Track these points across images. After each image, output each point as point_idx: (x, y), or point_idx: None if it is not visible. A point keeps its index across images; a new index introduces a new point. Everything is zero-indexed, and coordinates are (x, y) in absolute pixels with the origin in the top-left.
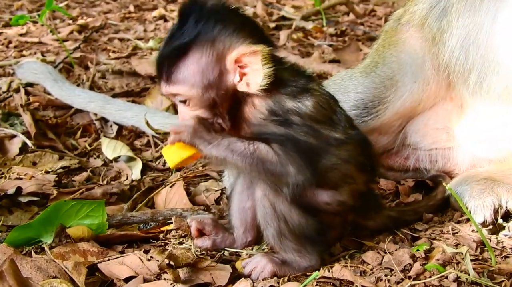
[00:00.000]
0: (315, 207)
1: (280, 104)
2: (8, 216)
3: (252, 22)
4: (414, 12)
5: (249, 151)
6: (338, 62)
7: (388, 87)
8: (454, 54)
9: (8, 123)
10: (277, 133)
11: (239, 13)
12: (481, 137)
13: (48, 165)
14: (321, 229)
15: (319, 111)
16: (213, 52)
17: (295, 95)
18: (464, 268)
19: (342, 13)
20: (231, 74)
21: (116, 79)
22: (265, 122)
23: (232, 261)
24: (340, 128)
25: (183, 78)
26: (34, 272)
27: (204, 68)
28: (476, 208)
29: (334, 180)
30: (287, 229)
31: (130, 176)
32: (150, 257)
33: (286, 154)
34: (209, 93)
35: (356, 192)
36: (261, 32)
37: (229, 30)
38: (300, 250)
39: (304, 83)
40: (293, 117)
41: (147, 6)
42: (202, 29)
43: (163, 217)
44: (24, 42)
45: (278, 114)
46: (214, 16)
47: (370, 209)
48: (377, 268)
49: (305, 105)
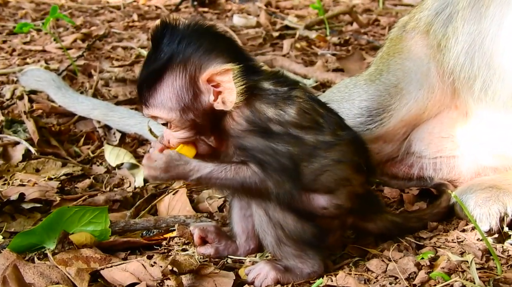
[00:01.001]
0: (312, 212)
1: (260, 114)
2: (11, 222)
3: (225, 39)
4: (420, 19)
5: (227, 176)
6: (341, 71)
7: (393, 95)
8: (459, 60)
9: (12, 130)
10: (255, 146)
11: (211, 32)
12: (486, 146)
13: (51, 172)
14: (319, 233)
15: (303, 117)
16: (185, 74)
17: (276, 103)
18: (469, 276)
19: (346, 23)
20: (205, 94)
21: (120, 87)
22: (244, 133)
23: (235, 268)
24: (328, 131)
25: (160, 102)
26: (37, 278)
27: (179, 92)
28: (482, 216)
29: (329, 183)
30: (284, 235)
31: (133, 183)
32: (154, 262)
33: (263, 171)
34: (187, 115)
35: (353, 194)
36: (235, 48)
37: (200, 51)
38: (300, 256)
39: (286, 91)
40: (273, 126)
41: (150, 15)
42: (174, 52)
43: (166, 224)
44: (28, 50)
45: (257, 124)
46: (186, 37)
47: (370, 211)
48: (382, 276)
49: (287, 113)
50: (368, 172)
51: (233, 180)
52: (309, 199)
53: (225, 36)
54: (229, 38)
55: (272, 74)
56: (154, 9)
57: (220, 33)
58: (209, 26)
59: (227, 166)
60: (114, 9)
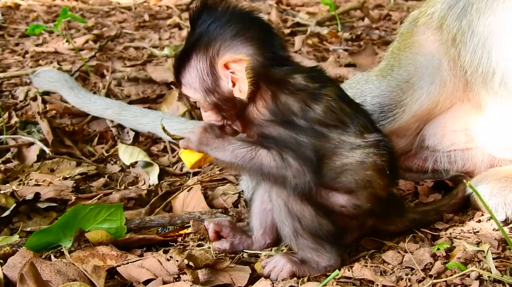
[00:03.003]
0: (329, 209)
1: (285, 107)
2: (27, 222)
3: (260, 26)
4: (432, 13)
5: (249, 156)
6: (354, 66)
7: (405, 90)
8: (476, 54)
9: (26, 131)
10: (279, 135)
11: (247, 17)
12: (501, 138)
13: (66, 172)
14: (336, 231)
15: (329, 115)
16: (207, 57)
17: (303, 99)
18: (486, 266)
19: (357, 18)
20: (224, 80)
21: (132, 86)
22: (267, 123)
23: (251, 262)
24: (352, 132)
25: (187, 82)
26: (54, 275)
27: (201, 74)
28: (498, 206)
29: (349, 183)
30: (301, 228)
31: (148, 181)
32: (170, 257)
33: (283, 159)
34: (210, 97)
35: (374, 196)
36: (269, 37)
37: (225, 35)
38: (317, 249)
39: (317, 87)
40: (298, 120)
41: (162, 15)
42: (203, 34)
43: (181, 220)
44: (40, 52)
45: (281, 116)
46: (218, 20)
47: (392, 215)
48: (398, 268)
49: (313, 109)
50: (392, 176)
51: (253, 161)
52: (328, 196)
53: (262, 24)
54: (265, 26)
55: (307, 69)
56: (165, 9)
57: (257, 19)
58: (247, 11)
59: (251, 146)
60: (125, 10)
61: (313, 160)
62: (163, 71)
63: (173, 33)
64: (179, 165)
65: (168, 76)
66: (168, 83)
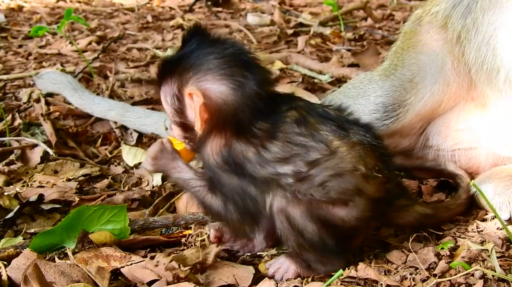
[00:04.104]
0: (332, 222)
1: (239, 154)
2: (30, 223)
3: (241, 65)
4: (437, 12)
5: (200, 193)
6: (357, 66)
7: (408, 89)
8: (481, 52)
9: (29, 133)
10: (226, 184)
11: (230, 52)
12: (505, 136)
13: (70, 173)
14: (341, 243)
15: (287, 150)
16: (180, 81)
17: (261, 143)
18: (490, 265)
19: (360, 18)
20: (189, 109)
21: (135, 87)
22: (218, 170)
23: (255, 263)
24: (316, 149)
25: (162, 93)
26: (58, 276)
27: (172, 94)
28: (502, 205)
29: (338, 196)
30: (305, 243)
31: (151, 182)
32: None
33: (227, 209)
34: (176, 117)
35: (371, 201)
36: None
37: (201, 67)
38: (322, 261)
39: (273, 124)
40: (252, 167)
41: (165, 16)
42: (184, 58)
43: (185, 221)
44: (43, 54)
45: (233, 165)
46: (202, 49)
47: (396, 208)
48: (402, 267)
49: (269, 150)
50: (386, 172)
51: (201, 201)
52: (329, 209)
53: (246, 63)
54: (249, 65)
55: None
56: (168, 10)
57: (241, 56)
58: (234, 47)
59: (201, 185)
60: (128, 11)
61: (252, 212)
62: None
63: (176, 34)
64: None
65: None
66: None
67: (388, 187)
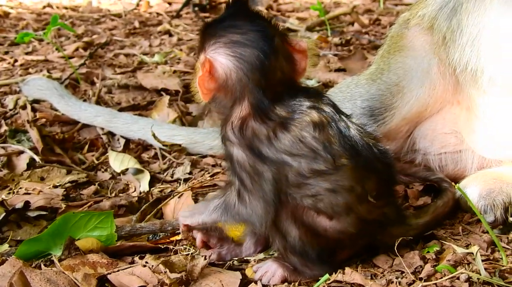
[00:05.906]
0: (315, 230)
1: (252, 133)
2: (17, 231)
3: (261, 47)
4: (424, 15)
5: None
6: (344, 71)
7: (395, 93)
8: (465, 52)
9: (15, 139)
10: (240, 159)
11: (256, 33)
12: (490, 138)
13: (56, 180)
14: (323, 252)
15: (297, 148)
16: (206, 44)
17: (274, 129)
18: (475, 268)
19: (347, 23)
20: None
21: (122, 93)
22: (232, 143)
23: (242, 269)
24: (323, 160)
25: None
26: (44, 284)
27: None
28: (486, 208)
29: (326, 209)
30: (288, 247)
31: (138, 188)
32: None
33: (250, 204)
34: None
35: (359, 221)
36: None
37: (226, 37)
38: (307, 264)
39: (290, 115)
40: (263, 148)
41: (152, 22)
42: (217, 23)
43: (172, 227)
44: (30, 60)
45: (246, 140)
46: (233, 20)
47: (387, 230)
48: (388, 271)
49: (280, 139)
50: (383, 197)
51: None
52: (314, 217)
53: (267, 48)
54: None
55: (284, 91)
56: (155, 16)
57: (264, 41)
58: (263, 28)
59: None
60: (115, 17)
61: (268, 199)
62: (154, 78)
63: (163, 40)
64: (170, 171)
65: (158, 83)
66: (158, 90)
67: (386, 211)
